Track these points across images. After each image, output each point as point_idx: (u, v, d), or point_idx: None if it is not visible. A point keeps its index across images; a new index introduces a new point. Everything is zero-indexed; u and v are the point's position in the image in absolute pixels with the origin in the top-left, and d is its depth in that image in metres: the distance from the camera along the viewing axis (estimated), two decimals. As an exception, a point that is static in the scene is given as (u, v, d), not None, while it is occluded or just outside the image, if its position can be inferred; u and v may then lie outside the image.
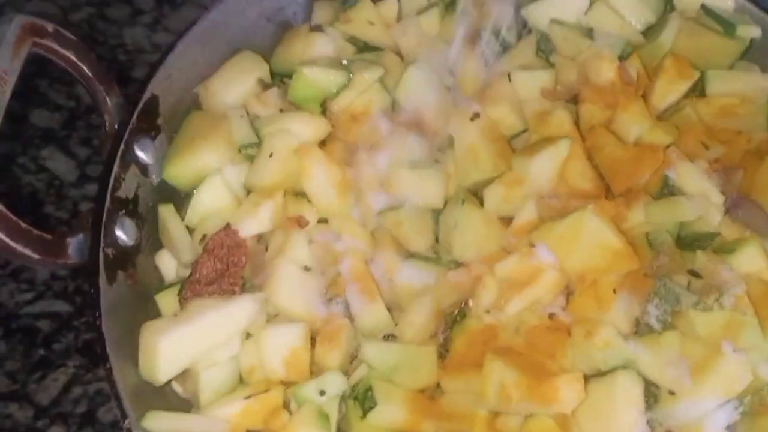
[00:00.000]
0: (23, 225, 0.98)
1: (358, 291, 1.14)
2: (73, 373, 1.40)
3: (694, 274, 1.10)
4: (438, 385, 1.12)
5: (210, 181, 1.17)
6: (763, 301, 1.06)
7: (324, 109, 1.25)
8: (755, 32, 1.29)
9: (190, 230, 1.18)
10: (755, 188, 1.18)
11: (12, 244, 0.96)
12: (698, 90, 1.29)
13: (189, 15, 1.72)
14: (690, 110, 1.26)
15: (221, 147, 1.19)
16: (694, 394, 1.03)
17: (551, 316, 1.10)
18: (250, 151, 1.20)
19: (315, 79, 1.22)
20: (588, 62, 1.25)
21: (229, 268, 1.10)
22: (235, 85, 1.25)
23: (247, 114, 1.22)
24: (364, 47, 1.33)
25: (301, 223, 1.15)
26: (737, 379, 1.03)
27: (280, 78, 1.29)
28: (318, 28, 1.32)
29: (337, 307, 1.15)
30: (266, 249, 1.15)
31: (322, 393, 1.08)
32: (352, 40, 1.32)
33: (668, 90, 1.27)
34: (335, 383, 1.09)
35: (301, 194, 1.18)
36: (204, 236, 1.13)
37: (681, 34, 1.30)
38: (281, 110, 1.23)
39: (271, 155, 1.16)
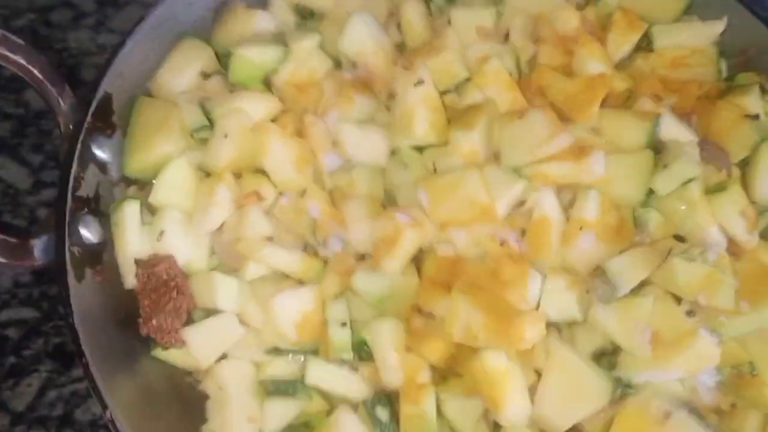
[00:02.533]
0: (-14, 231, 0.99)
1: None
2: (46, 378, 1.41)
3: (679, 238, 1.14)
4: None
5: (169, 170, 1.19)
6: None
7: (268, 84, 1.27)
8: None
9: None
10: (712, 132, 1.23)
11: (-23, 249, 0.97)
12: (647, 45, 1.33)
13: (133, 15, 1.73)
14: (642, 62, 1.31)
15: (176, 134, 1.21)
16: (658, 365, 1.08)
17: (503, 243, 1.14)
18: (203, 134, 1.21)
19: (252, 59, 1.25)
20: (553, 12, 1.29)
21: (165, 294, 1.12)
22: (183, 74, 1.26)
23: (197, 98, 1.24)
24: (309, 16, 1.34)
25: (259, 197, 1.18)
26: (705, 358, 1.08)
27: (226, 59, 1.30)
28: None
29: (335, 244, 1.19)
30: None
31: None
32: (298, 8, 1.34)
33: (621, 42, 1.30)
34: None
35: (257, 171, 1.21)
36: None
37: None
38: (231, 90, 1.25)
39: (226, 136, 1.18)
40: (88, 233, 1.11)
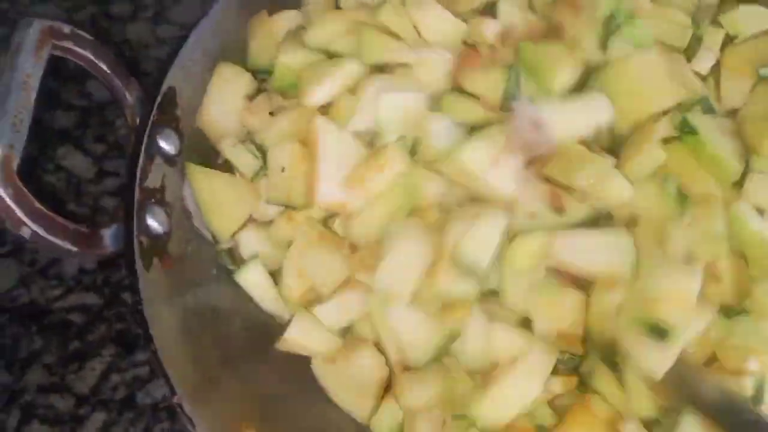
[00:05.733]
0: (60, 220, 1.03)
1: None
2: (109, 362, 1.45)
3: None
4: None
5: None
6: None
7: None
8: None
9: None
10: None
11: (52, 239, 1.01)
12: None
13: (191, 6, 1.78)
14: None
15: (249, 204, 1.24)
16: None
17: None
18: (262, 173, 1.23)
19: (294, 66, 1.24)
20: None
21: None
22: (229, 106, 1.27)
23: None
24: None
25: None
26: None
27: (262, 76, 1.31)
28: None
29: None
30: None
31: None
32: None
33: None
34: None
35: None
36: None
37: None
38: (271, 113, 1.25)
39: (283, 170, 1.17)
40: (155, 223, 1.14)
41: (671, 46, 1.15)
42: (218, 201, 1.22)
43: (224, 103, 1.27)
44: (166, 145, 1.19)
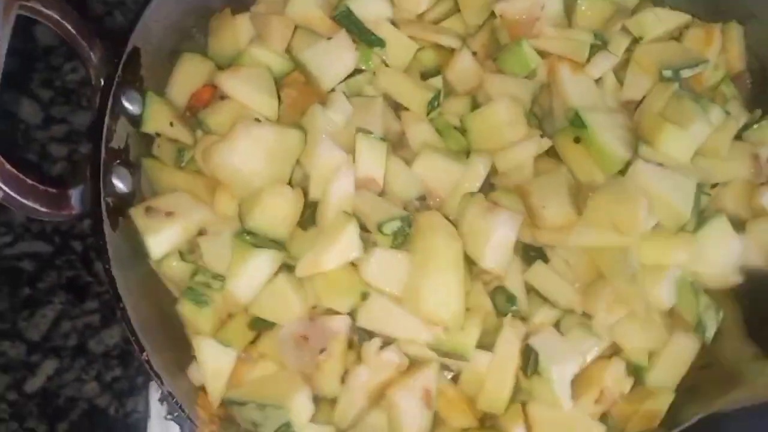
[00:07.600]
0: (29, 182, 1.05)
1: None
2: (60, 309, 1.48)
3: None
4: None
5: None
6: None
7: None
8: None
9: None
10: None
11: (22, 200, 1.04)
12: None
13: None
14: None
15: None
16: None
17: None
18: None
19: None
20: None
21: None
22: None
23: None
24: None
25: None
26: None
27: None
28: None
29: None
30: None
31: None
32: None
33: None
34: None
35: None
36: None
37: None
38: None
39: None
40: (120, 183, 1.17)
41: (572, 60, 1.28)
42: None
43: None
44: (130, 106, 1.21)
